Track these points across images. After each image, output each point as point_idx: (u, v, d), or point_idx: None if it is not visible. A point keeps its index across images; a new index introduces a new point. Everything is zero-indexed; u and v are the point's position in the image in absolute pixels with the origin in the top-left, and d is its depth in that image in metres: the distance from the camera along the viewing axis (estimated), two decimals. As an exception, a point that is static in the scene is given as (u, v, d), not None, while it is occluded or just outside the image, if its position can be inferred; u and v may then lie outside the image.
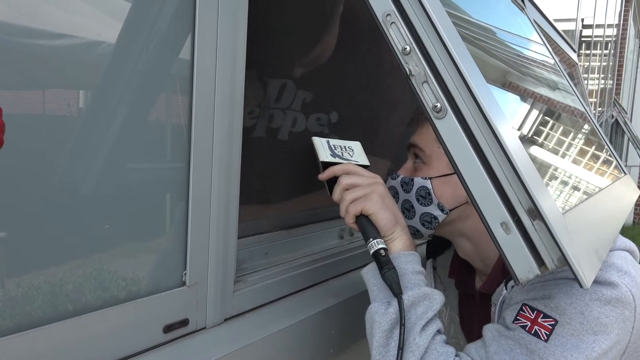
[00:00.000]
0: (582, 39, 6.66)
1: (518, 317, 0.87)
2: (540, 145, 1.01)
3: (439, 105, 0.71)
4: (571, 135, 1.32)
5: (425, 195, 1.04)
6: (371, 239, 0.92)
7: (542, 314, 0.85)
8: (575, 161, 1.24)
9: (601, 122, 6.87)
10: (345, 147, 1.08)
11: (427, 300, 0.88)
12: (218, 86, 0.85)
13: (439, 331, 0.88)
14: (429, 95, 0.72)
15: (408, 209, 1.07)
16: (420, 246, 1.34)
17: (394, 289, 0.87)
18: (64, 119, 0.67)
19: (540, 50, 1.56)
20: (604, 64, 7.76)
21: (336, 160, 1.04)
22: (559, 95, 1.42)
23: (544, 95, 1.28)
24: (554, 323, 0.84)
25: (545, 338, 0.83)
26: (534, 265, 0.68)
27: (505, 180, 0.69)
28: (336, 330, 1.13)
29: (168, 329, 0.83)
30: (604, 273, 0.87)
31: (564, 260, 0.66)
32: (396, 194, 1.09)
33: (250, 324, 0.97)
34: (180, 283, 0.85)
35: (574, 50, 2.93)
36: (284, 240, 1.19)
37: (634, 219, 9.54)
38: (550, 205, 0.69)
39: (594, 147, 1.45)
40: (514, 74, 1.12)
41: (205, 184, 0.86)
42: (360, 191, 0.96)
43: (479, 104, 0.68)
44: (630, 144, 8.52)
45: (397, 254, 0.93)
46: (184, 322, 0.85)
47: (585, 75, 6.77)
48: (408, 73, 0.73)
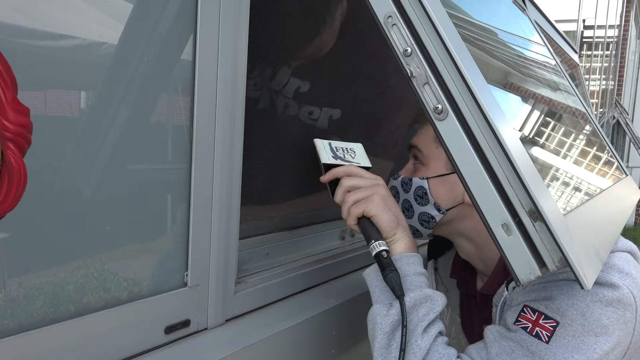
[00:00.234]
0: (584, 40, 6.66)
1: (519, 319, 0.87)
2: (541, 146, 1.01)
3: (440, 106, 0.71)
4: (572, 136, 1.32)
5: (422, 195, 1.05)
6: (373, 241, 0.92)
7: (543, 316, 0.85)
8: (576, 162, 1.24)
9: (602, 123, 6.87)
10: (347, 149, 1.08)
11: (429, 301, 0.88)
12: (220, 87, 0.85)
13: (440, 333, 0.88)
14: (430, 96, 0.72)
15: (407, 208, 1.08)
16: (422, 247, 1.34)
17: (396, 290, 0.87)
18: (65, 120, 0.67)
19: (541, 51, 1.56)
20: (606, 64, 7.76)
21: (338, 162, 1.04)
22: (560, 96, 1.42)
23: (545, 96, 1.28)
24: (555, 324, 0.84)
25: (547, 339, 0.83)
26: (535, 266, 0.68)
27: (506, 181, 0.69)
28: (337, 331, 1.13)
29: (169, 329, 0.83)
30: (605, 274, 0.87)
31: (565, 261, 0.66)
32: (397, 193, 1.10)
33: (251, 325, 0.97)
34: (182, 284, 0.85)
35: (575, 51, 2.93)
36: (285, 241, 1.19)
37: (636, 220, 9.53)
38: (551, 207, 0.69)
39: (595, 148, 1.45)
40: (515, 75, 1.12)
41: (207, 185, 0.86)
42: (361, 193, 0.96)
43: (479, 105, 0.68)
44: (631, 144, 8.50)
45: (399, 255, 0.93)
46: (186, 323, 0.86)
47: (587, 76, 6.77)
48: (409, 74, 0.73)
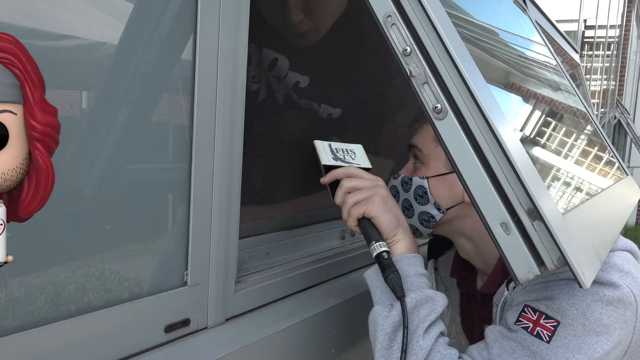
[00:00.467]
0: (585, 40, 6.65)
1: (520, 319, 0.87)
2: (541, 145, 1.01)
3: (439, 106, 0.71)
4: (572, 135, 1.32)
5: (422, 195, 1.05)
6: (373, 242, 0.92)
7: (544, 315, 0.85)
8: (576, 162, 1.24)
9: (604, 123, 6.86)
10: (347, 150, 1.08)
11: (430, 302, 0.88)
12: (220, 87, 0.85)
13: (442, 333, 0.88)
14: (429, 96, 0.72)
15: (407, 207, 1.08)
16: (422, 246, 1.34)
17: (397, 291, 0.87)
18: (65, 120, 0.67)
19: (541, 51, 1.56)
20: (607, 64, 7.75)
21: (338, 163, 1.04)
22: (560, 95, 1.42)
23: (545, 95, 1.28)
24: (556, 324, 0.84)
25: (548, 339, 0.83)
26: (534, 265, 0.68)
27: (505, 180, 0.69)
28: (337, 330, 1.13)
29: (169, 328, 0.83)
30: (606, 274, 0.87)
31: (564, 260, 0.66)
32: (397, 193, 1.10)
33: (251, 324, 0.97)
34: (182, 283, 0.86)
35: (576, 51, 2.93)
36: (285, 241, 1.19)
37: (637, 220, 9.52)
38: (550, 206, 0.70)
39: (595, 148, 1.45)
40: (515, 74, 1.12)
41: (207, 185, 0.86)
42: (362, 194, 0.96)
43: (479, 104, 0.68)
44: (633, 145, 8.49)
45: (400, 256, 0.93)
46: (186, 322, 0.86)
47: (588, 76, 6.76)
48: (409, 74, 0.73)
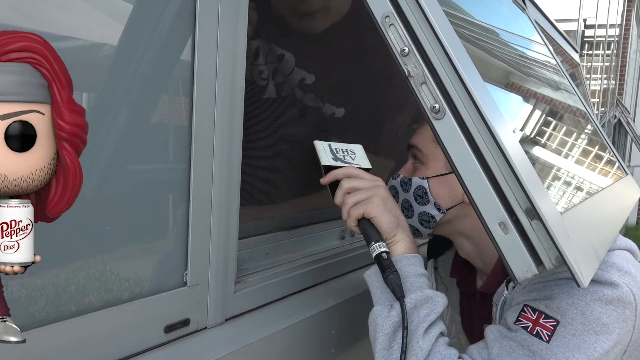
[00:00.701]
0: (585, 39, 6.64)
1: (520, 318, 0.87)
2: (540, 145, 1.01)
3: (437, 106, 0.71)
4: (571, 135, 1.32)
5: (422, 195, 1.05)
6: (373, 242, 0.92)
7: (544, 315, 0.85)
8: (575, 161, 1.24)
9: (604, 123, 6.85)
10: (347, 150, 1.08)
11: (430, 302, 0.88)
12: (219, 87, 0.85)
13: (442, 333, 0.88)
14: (427, 96, 0.72)
15: (407, 208, 1.08)
16: (422, 246, 1.34)
17: (396, 292, 0.87)
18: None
19: (540, 51, 1.56)
20: (607, 64, 7.75)
21: (338, 163, 1.03)
22: (559, 95, 1.42)
23: (544, 95, 1.29)
24: (555, 324, 0.84)
25: (547, 339, 0.84)
26: (532, 264, 0.68)
27: (503, 180, 0.69)
28: (337, 330, 1.13)
29: (169, 329, 0.83)
30: (605, 273, 0.87)
31: (562, 259, 0.66)
32: (397, 193, 1.10)
33: (251, 324, 0.97)
34: (182, 283, 0.86)
35: (576, 51, 2.93)
36: (285, 241, 1.19)
37: (638, 219, 9.51)
38: (548, 205, 0.70)
39: (594, 147, 1.45)
40: (513, 74, 1.12)
41: (206, 185, 0.86)
42: (361, 194, 0.96)
43: (476, 104, 0.68)
44: (633, 144, 8.49)
45: (400, 256, 0.93)
46: (185, 322, 0.86)
47: (588, 76, 6.76)
48: (407, 74, 0.73)
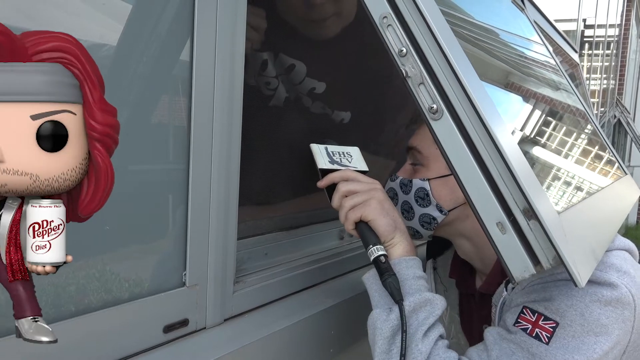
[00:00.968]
0: (584, 39, 6.64)
1: (519, 320, 0.87)
2: (538, 145, 1.01)
3: (435, 106, 0.72)
4: (570, 135, 1.32)
5: (423, 197, 1.05)
6: (371, 246, 0.92)
7: (543, 317, 0.85)
8: (573, 161, 1.24)
9: (603, 123, 6.85)
10: (343, 153, 1.07)
11: (429, 305, 0.88)
12: (217, 87, 0.85)
13: (441, 336, 0.88)
14: (425, 96, 0.72)
15: (407, 210, 1.07)
16: (420, 247, 1.34)
17: (395, 295, 0.86)
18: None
19: (540, 51, 1.56)
20: (606, 64, 7.75)
21: (335, 167, 1.03)
22: (559, 95, 1.42)
23: (543, 95, 1.29)
24: (554, 325, 0.84)
25: (547, 341, 0.84)
26: (530, 264, 0.68)
27: (501, 180, 0.69)
28: (336, 330, 1.13)
29: (168, 329, 0.83)
30: (604, 274, 0.87)
31: (559, 259, 0.67)
32: (395, 195, 1.09)
33: (250, 324, 0.97)
34: (180, 284, 0.86)
35: (575, 51, 2.93)
36: (284, 241, 1.19)
37: (638, 219, 9.50)
38: (545, 205, 0.70)
39: (593, 147, 1.45)
40: (512, 74, 1.12)
41: (205, 185, 0.86)
42: (358, 198, 0.96)
43: (474, 104, 0.68)
44: (633, 144, 8.49)
45: (398, 259, 0.93)
46: (184, 322, 0.86)
47: (587, 76, 6.76)
48: (404, 75, 0.73)
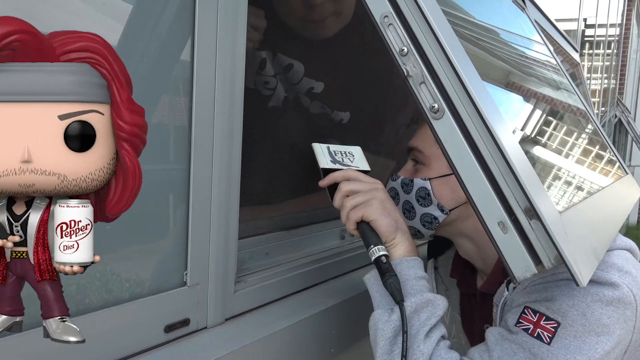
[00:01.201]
0: (585, 39, 6.64)
1: (520, 320, 0.87)
2: (539, 144, 1.01)
3: (436, 105, 0.71)
4: (571, 134, 1.32)
5: (425, 196, 1.05)
6: (372, 246, 0.91)
7: (545, 317, 0.85)
8: (575, 161, 1.24)
9: (604, 122, 6.85)
10: (345, 153, 1.07)
11: (430, 306, 0.88)
12: (218, 87, 0.85)
13: (443, 337, 0.88)
14: (426, 95, 0.72)
15: (408, 209, 1.07)
16: (421, 246, 1.34)
17: (396, 296, 0.86)
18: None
19: (540, 50, 1.56)
20: (607, 63, 7.74)
21: (336, 166, 1.03)
22: (559, 95, 1.42)
23: (543, 94, 1.29)
24: (556, 325, 0.84)
25: (548, 341, 0.84)
26: (531, 264, 0.68)
27: (502, 179, 0.69)
28: (337, 330, 1.13)
29: (169, 328, 0.83)
30: (605, 274, 0.87)
31: (561, 258, 0.67)
32: (396, 195, 1.09)
33: (251, 324, 0.97)
34: (181, 283, 0.86)
35: (576, 50, 2.93)
36: (285, 241, 1.19)
37: (639, 218, 9.49)
38: (547, 205, 0.70)
39: (594, 147, 1.45)
40: (513, 73, 1.12)
41: (206, 185, 0.86)
42: (360, 197, 0.96)
43: (475, 104, 0.68)
44: (634, 143, 8.48)
45: (399, 260, 0.92)
46: (185, 322, 0.86)
47: (588, 75, 6.75)
48: (406, 74, 0.73)
